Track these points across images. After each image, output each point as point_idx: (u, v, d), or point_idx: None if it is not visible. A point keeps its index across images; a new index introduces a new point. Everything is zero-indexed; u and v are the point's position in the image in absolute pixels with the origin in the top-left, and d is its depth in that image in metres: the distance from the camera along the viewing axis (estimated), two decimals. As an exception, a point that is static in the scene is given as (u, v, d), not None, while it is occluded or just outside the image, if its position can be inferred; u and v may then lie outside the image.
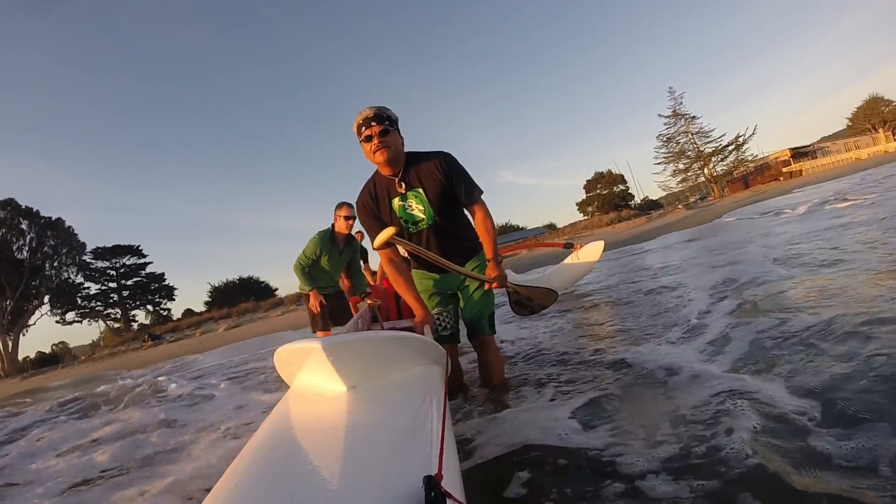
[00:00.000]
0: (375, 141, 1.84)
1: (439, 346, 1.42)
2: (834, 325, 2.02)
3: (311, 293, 3.74)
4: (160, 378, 6.30)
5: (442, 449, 0.80)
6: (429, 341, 1.37)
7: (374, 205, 2.02)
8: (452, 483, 0.76)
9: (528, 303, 2.50)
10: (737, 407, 1.48)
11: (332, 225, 3.76)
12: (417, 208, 1.99)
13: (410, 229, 2.03)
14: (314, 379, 1.15)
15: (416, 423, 0.94)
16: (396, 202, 1.99)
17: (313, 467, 0.80)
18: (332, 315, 3.88)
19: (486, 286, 2.14)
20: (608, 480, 1.26)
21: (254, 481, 0.78)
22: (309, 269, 3.74)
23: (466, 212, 2.17)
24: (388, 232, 1.88)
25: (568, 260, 5.50)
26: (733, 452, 1.23)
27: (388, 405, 1.06)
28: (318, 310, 3.75)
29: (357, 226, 3.44)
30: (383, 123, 1.85)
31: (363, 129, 1.86)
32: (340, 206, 3.70)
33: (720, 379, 1.75)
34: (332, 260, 3.75)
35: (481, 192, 2.11)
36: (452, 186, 2.00)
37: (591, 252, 5.23)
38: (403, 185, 1.97)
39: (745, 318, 2.53)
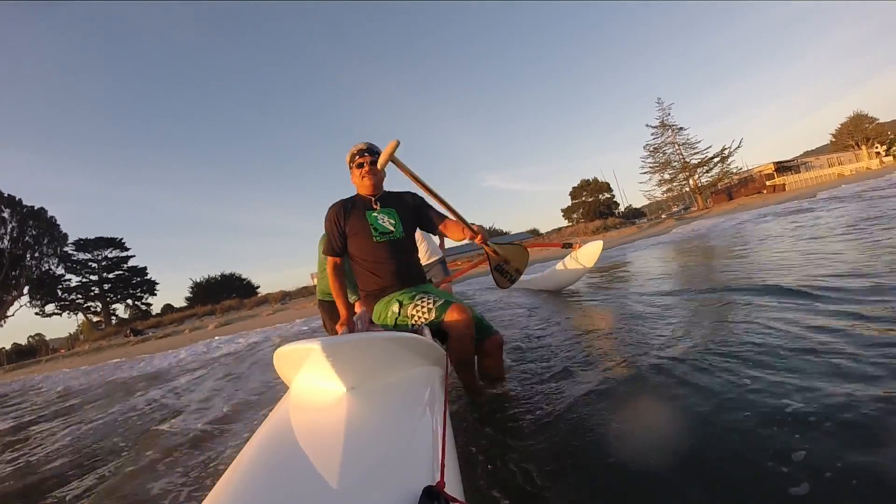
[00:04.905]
0: (367, 168, 2.23)
1: (439, 348, 1.42)
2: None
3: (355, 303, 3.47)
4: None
5: (443, 455, 0.79)
6: (429, 342, 1.37)
7: (343, 213, 2.28)
8: (453, 492, 0.76)
9: (506, 267, 2.61)
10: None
11: None
12: (389, 222, 2.28)
13: (377, 238, 2.25)
14: (313, 380, 1.14)
15: (417, 427, 0.94)
16: (370, 213, 2.28)
17: (312, 472, 0.79)
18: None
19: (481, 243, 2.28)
20: (618, 485, 1.24)
21: (252, 484, 0.77)
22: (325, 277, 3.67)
23: (437, 231, 2.39)
24: (393, 145, 1.92)
25: (567, 259, 5.59)
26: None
27: (387, 407, 1.05)
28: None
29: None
30: (374, 156, 2.24)
31: (357, 157, 2.24)
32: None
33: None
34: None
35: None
36: (420, 215, 2.36)
37: (589, 252, 5.31)
38: (378, 204, 2.30)
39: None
